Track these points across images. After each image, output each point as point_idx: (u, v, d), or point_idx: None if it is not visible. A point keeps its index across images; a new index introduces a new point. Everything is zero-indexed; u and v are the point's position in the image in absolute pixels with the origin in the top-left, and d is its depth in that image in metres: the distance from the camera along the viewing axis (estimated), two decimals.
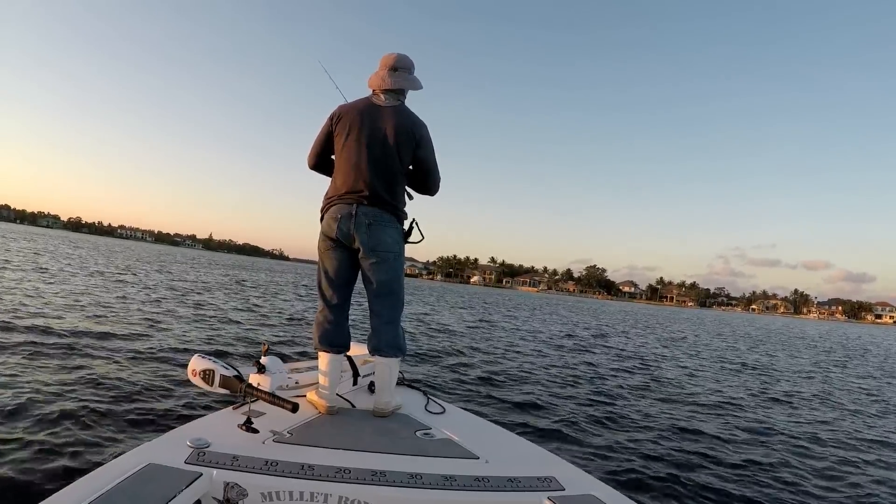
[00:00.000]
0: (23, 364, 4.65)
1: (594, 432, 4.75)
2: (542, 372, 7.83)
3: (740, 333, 26.77)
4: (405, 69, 2.71)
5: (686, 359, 11.95)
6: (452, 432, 2.44)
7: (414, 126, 2.64)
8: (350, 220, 2.55)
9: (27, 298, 8.96)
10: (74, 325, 6.97)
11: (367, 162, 2.58)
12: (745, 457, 4.48)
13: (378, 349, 2.67)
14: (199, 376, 2.18)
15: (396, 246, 2.64)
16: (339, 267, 2.67)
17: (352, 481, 1.76)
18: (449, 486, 1.81)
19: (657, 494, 3.53)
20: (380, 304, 2.68)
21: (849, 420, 6.61)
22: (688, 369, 9.97)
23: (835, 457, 4.80)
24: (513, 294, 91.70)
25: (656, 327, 25.06)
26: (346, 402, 2.74)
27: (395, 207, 2.64)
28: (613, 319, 28.47)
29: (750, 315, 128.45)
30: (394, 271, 2.65)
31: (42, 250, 27.26)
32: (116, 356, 5.48)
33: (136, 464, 1.64)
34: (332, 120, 2.70)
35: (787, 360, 14.42)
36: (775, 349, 17.97)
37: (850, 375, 11.93)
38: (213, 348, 6.80)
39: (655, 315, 45.05)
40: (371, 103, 2.67)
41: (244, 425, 2.09)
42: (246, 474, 1.72)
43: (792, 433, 5.48)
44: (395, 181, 2.64)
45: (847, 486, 4.07)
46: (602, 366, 9.20)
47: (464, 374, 6.90)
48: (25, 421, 3.38)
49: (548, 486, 1.90)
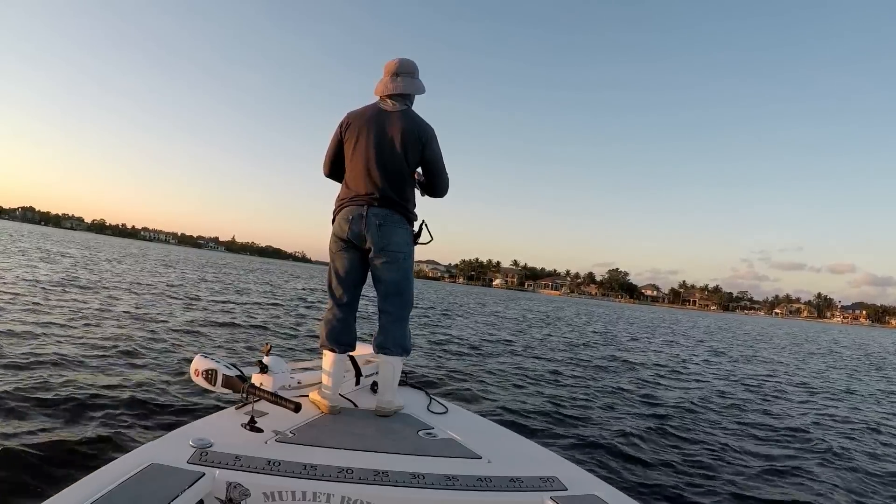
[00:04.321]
0: (23, 364, 4.67)
1: (596, 432, 4.70)
2: (544, 372, 7.79)
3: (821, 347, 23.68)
4: (407, 73, 2.75)
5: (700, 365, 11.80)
6: (455, 432, 2.43)
7: (420, 130, 2.68)
8: (361, 221, 2.61)
9: (29, 303, 8.82)
10: (75, 325, 7.04)
11: (377, 165, 2.63)
12: (749, 459, 4.41)
13: (383, 347, 2.69)
14: (201, 376, 2.21)
15: (406, 246, 2.69)
16: (349, 267, 2.72)
17: (354, 481, 1.76)
18: (451, 486, 1.81)
19: (660, 495, 3.48)
20: (389, 303, 2.71)
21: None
22: (695, 372, 9.86)
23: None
24: (534, 297, 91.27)
25: (672, 333, 24.68)
26: (348, 401, 2.75)
27: (404, 209, 2.69)
28: (637, 328, 28.04)
29: (773, 319, 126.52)
30: (403, 271, 2.69)
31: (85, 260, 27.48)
32: (117, 356, 5.52)
33: (139, 464, 1.65)
34: (341, 128, 2.76)
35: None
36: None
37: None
38: (215, 348, 6.86)
39: (675, 319, 44.43)
40: (379, 109, 2.73)
41: (247, 425, 2.11)
42: (248, 474, 1.72)
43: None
44: (404, 183, 2.70)
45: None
46: (605, 367, 9.11)
47: (465, 374, 6.88)
48: (26, 421, 3.40)
49: (550, 486, 1.89)
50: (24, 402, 3.68)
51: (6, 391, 3.87)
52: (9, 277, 11.66)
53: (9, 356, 4.87)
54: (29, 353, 5.08)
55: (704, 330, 29.28)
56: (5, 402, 3.64)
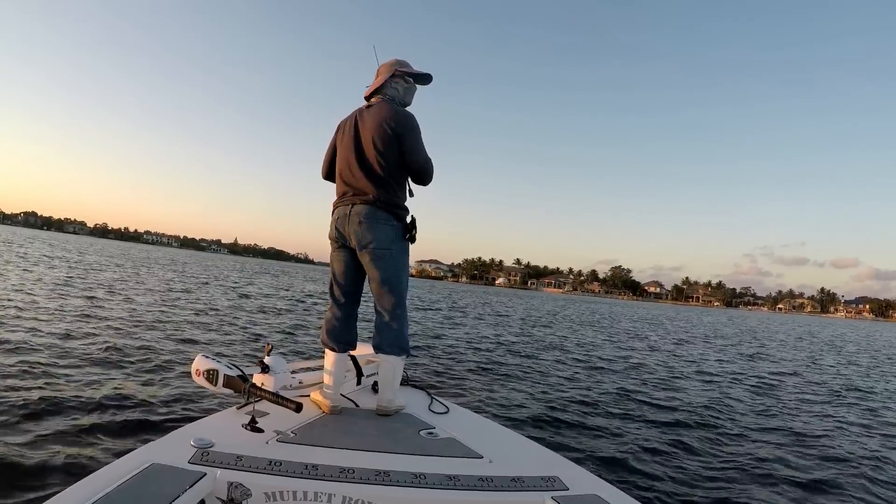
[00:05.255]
0: (23, 364, 4.68)
1: (598, 432, 4.68)
2: (545, 372, 7.76)
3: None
4: (385, 71, 2.81)
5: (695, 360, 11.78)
6: (456, 432, 2.43)
7: (390, 119, 2.61)
8: (345, 220, 2.63)
9: (25, 301, 8.90)
10: (75, 325, 7.05)
11: (356, 163, 2.65)
12: (752, 458, 4.37)
13: (379, 347, 2.68)
14: (202, 376, 2.21)
15: (391, 243, 2.63)
16: (343, 267, 2.73)
17: (356, 481, 1.76)
18: (453, 486, 1.81)
19: (662, 495, 3.45)
20: (379, 301, 2.69)
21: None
22: (701, 369, 9.83)
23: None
24: (537, 295, 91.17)
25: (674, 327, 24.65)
26: (349, 401, 2.75)
27: (388, 205, 2.63)
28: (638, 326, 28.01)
29: (777, 314, 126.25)
30: (390, 269, 2.64)
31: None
32: (118, 356, 5.53)
33: (140, 464, 1.65)
34: (335, 132, 2.85)
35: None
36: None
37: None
38: (217, 348, 6.86)
39: (678, 316, 44.31)
40: (360, 108, 2.79)
41: (248, 425, 2.11)
42: (250, 474, 1.72)
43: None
44: (387, 178, 2.64)
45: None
46: (606, 366, 9.08)
47: (466, 374, 6.87)
48: (27, 421, 3.40)
49: (552, 486, 1.89)
50: (23, 403, 3.68)
51: (6, 391, 3.88)
52: (12, 278, 11.73)
53: (9, 356, 4.89)
54: (29, 354, 5.09)
55: (709, 326, 29.22)
56: (5, 403, 3.64)
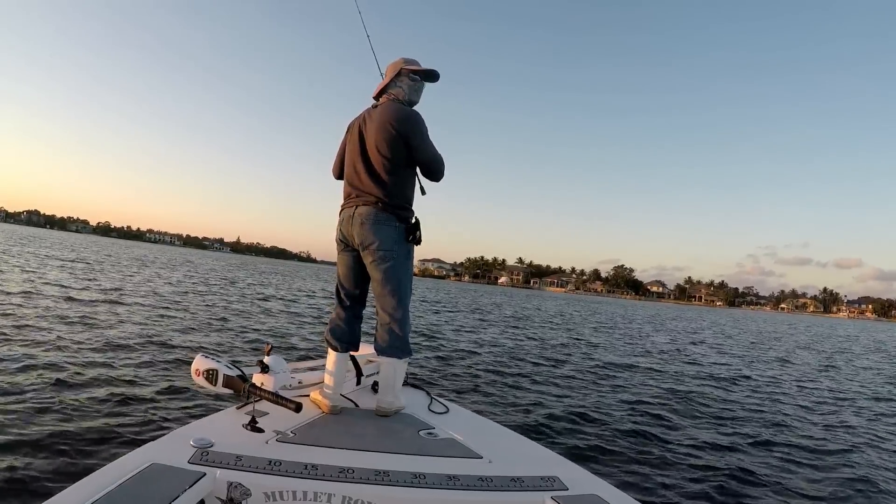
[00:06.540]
0: (23, 365, 4.68)
1: (598, 432, 4.68)
2: (545, 372, 7.77)
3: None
4: (392, 70, 2.80)
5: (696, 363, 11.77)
6: (456, 432, 2.43)
7: (394, 119, 2.59)
8: (349, 223, 2.63)
9: (30, 304, 8.84)
10: (75, 326, 7.07)
11: (361, 165, 2.65)
12: (753, 459, 4.38)
13: (380, 349, 2.68)
14: (202, 376, 2.20)
15: (393, 244, 2.59)
16: (348, 269, 2.74)
17: (355, 481, 1.76)
18: (452, 486, 1.81)
19: (662, 494, 3.46)
20: (381, 303, 2.68)
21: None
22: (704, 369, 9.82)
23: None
24: (539, 294, 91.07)
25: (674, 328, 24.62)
26: (349, 401, 2.75)
27: (391, 206, 2.60)
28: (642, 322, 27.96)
29: (779, 314, 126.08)
30: (392, 270, 2.61)
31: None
32: (119, 355, 5.54)
33: (140, 463, 1.65)
34: (346, 132, 2.86)
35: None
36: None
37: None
38: (217, 348, 6.86)
39: (682, 316, 44.27)
40: (368, 109, 2.78)
41: (248, 425, 2.11)
42: (249, 474, 1.72)
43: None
44: (392, 179, 2.61)
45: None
46: (606, 366, 9.07)
47: (467, 374, 6.87)
48: (26, 421, 3.40)
49: (551, 486, 1.89)
50: (23, 403, 3.69)
51: (6, 392, 3.89)
52: (14, 278, 11.75)
53: (9, 356, 4.90)
54: (29, 354, 5.10)
55: (710, 325, 29.19)
56: (5, 403, 3.65)
